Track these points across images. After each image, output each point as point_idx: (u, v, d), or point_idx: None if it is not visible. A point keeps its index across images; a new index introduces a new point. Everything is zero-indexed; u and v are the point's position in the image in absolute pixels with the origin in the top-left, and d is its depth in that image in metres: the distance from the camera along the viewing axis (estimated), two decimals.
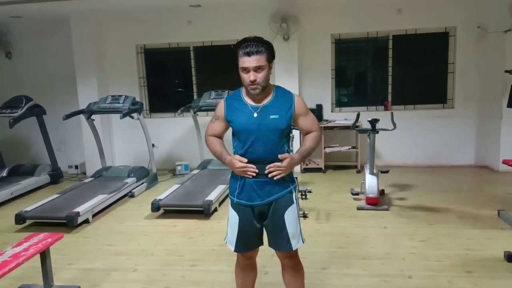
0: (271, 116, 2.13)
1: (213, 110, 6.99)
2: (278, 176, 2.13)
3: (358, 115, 5.02)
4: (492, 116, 6.13)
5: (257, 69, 2.07)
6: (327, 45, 6.62)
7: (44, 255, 2.89)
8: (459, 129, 6.49)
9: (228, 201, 2.34)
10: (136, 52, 7.02)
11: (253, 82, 2.08)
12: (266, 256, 2.93)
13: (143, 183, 5.90)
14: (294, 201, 2.25)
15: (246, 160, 2.15)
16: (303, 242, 2.29)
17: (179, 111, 5.95)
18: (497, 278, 3.00)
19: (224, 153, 2.26)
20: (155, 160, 6.41)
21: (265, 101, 2.17)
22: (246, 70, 2.09)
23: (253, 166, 2.13)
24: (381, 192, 5.00)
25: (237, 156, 2.19)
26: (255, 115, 2.14)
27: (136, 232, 4.26)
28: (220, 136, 2.34)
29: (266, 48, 2.09)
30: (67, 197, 5.07)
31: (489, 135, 6.23)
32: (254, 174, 2.14)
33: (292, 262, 2.32)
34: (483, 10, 6.11)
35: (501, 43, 5.83)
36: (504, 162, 4.36)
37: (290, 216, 2.22)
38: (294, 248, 2.25)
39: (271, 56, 2.13)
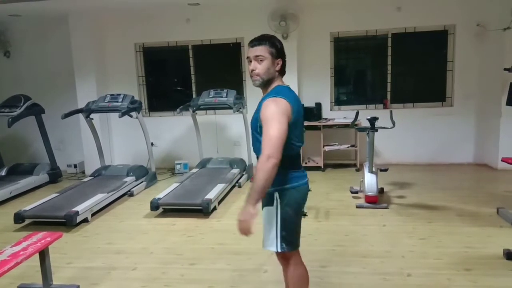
0: (253, 114, 2.17)
1: (212, 108, 6.89)
2: (246, 233, 1.98)
3: (357, 114, 5.02)
4: (491, 114, 6.13)
5: (257, 59, 2.09)
6: (326, 44, 6.61)
7: (43, 254, 2.88)
8: (458, 127, 6.49)
9: (226, 199, 2.33)
10: (134, 50, 7.01)
11: (252, 71, 2.11)
12: (265, 255, 2.93)
13: (142, 182, 5.89)
14: (274, 203, 2.12)
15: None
16: (278, 250, 2.16)
17: (178, 109, 5.94)
18: (496, 276, 3.00)
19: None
20: (154, 159, 6.40)
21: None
22: (249, 60, 2.14)
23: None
24: (380, 191, 5.00)
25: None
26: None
27: (135, 230, 4.26)
28: None
29: (269, 42, 2.13)
30: (66, 196, 5.06)
31: (488, 133, 6.24)
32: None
33: (280, 261, 2.31)
34: (482, 8, 6.11)
35: (500, 41, 5.83)
36: (503, 160, 4.35)
37: (264, 216, 2.18)
38: (264, 248, 2.21)
39: (276, 51, 2.12)
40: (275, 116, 1.95)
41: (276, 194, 2.12)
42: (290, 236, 2.18)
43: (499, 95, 5.80)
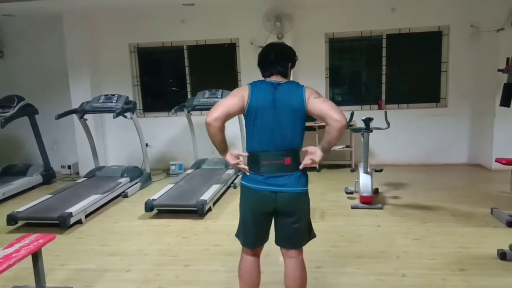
0: None
1: (207, 109, 6.92)
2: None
3: (352, 114, 5.03)
4: (485, 115, 6.17)
5: None
6: (321, 44, 6.62)
7: (36, 256, 2.86)
8: (452, 127, 6.52)
9: (221, 200, 2.34)
10: (129, 51, 6.98)
11: None
12: (261, 256, 2.92)
13: (136, 183, 5.87)
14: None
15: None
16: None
17: (172, 110, 5.92)
18: (490, 275, 3.02)
19: None
20: (149, 159, 6.37)
21: None
22: None
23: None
24: (375, 191, 5.01)
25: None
26: None
27: (129, 232, 4.24)
28: None
29: None
30: (59, 197, 5.02)
31: (482, 133, 6.27)
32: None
33: None
34: (476, 9, 6.14)
35: (494, 42, 5.87)
36: (497, 160, 4.37)
37: None
38: None
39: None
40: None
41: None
42: (240, 228, 2.37)
43: (493, 96, 5.83)
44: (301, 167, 2.23)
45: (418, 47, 6.63)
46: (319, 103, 2.16)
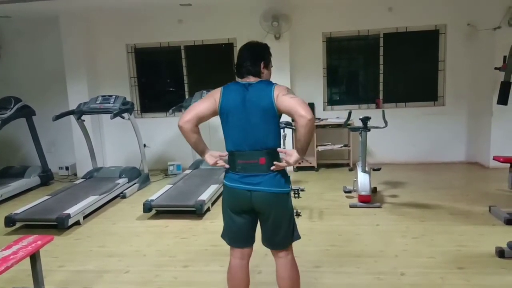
0: None
1: None
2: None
3: (349, 113, 5.03)
4: (483, 113, 6.18)
5: None
6: (318, 44, 6.63)
7: (34, 258, 2.84)
8: (450, 126, 6.53)
9: (219, 200, 2.33)
10: (126, 51, 6.97)
11: None
12: (260, 256, 2.92)
13: (134, 183, 5.86)
14: None
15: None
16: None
17: (170, 110, 5.92)
18: (489, 274, 3.02)
19: None
20: (147, 160, 6.36)
21: None
22: None
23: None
24: (373, 190, 5.02)
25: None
26: None
27: (128, 233, 4.23)
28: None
29: None
30: (57, 198, 5.01)
31: (480, 131, 6.29)
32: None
33: None
34: (472, 7, 6.16)
35: (491, 40, 5.88)
36: (495, 158, 4.38)
37: None
38: None
39: None
40: None
41: None
42: (224, 227, 2.39)
43: (490, 94, 5.84)
44: (272, 168, 2.17)
45: (415, 46, 6.64)
46: (286, 100, 2.10)
